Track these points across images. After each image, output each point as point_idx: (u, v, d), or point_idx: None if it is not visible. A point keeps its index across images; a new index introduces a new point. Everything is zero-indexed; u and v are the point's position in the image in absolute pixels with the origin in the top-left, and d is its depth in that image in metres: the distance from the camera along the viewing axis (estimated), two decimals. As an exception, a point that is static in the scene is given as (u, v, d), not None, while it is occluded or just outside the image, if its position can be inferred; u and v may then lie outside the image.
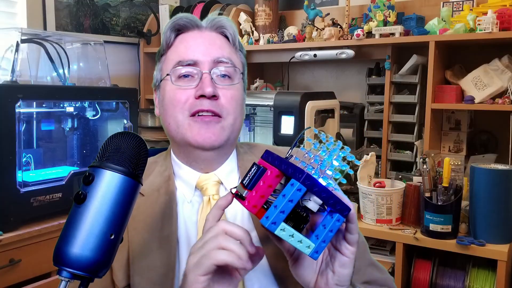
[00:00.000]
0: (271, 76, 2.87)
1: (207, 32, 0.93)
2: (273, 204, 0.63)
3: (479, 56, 2.15)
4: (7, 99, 1.77)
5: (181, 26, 0.93)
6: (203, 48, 0.90)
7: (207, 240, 0.68)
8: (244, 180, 0.70)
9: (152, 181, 0.93)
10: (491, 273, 1.81)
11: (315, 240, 0.65)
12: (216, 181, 0.92)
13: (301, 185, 0.62)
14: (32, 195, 1.88)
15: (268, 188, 0.66)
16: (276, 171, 0.67)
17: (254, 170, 0.69)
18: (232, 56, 0.93)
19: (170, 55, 0.93)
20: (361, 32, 2.23)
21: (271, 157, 0.69)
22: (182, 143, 0.91)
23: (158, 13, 3.00)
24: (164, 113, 0.92)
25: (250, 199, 0.67)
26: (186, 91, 0.88)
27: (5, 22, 2.43)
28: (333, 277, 0.70)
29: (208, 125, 0.87)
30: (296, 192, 0.62)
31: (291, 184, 0.63)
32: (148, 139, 2.64)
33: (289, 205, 0.63)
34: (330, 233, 0.65)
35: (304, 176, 0.62)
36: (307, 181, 0.63)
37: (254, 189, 0.67)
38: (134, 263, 0.84)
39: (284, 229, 0.63)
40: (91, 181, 0.61)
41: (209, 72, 0.88)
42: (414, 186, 1.94)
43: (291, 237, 0.64)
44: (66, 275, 0.59)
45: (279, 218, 0.62)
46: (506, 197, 1.74)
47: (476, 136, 2.29)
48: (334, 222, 0.65)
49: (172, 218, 0.88)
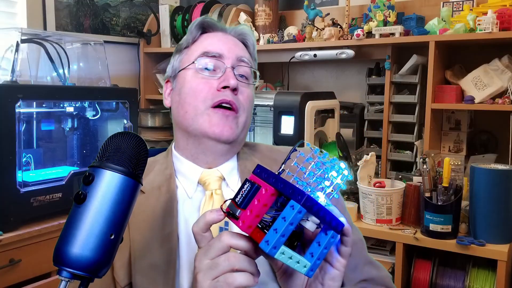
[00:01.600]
0: (271, 76, 2.87)
1: (231, 36, 0.98)
2: (273, 227, 0.61)
3: (479, 56, 2.15)
4: (7, 99, 1.77)
5: (209, 24, 0.98)
6: (228, 46, 0.95)
7: (218, 262, 0.66)
8: (236, 197, 0.66)
9: (153, 179, 0.93)
10: (491, 273, 1.81)
11: (310, 258, 0.64)
12: (219, 177, 0.93)
13: (302, 207, 0.60)
14: (32, 195, 1.88)
15: (263, 207, 0.63)
16: (272, 190, 0.64)
17: (247, 187, 0.66)
18: (251, 61, 0.99)
19: (195, 47, 0.96)
20: (361, 32, 2.23)
21: (264, 173, 0.66)
22: (196, 132, 0.91)
23: (158, 13, 3.00)
24: (182, 102, 0.93)
25: (245, 218, 0.64)
26: (209, 81, 0.92)
27: (5, 22, 2.43)
28: None
29: (228, 118, 0.90)
30: (297, 214, 0.61)
31: (291, 206, 0.61)
32: (148, 139, 2.64)
33: (290, 228, 0.61)
34: (324, 251, 0.65)
35: (305, 198, 0.60)
36: (308, 203, 0.61)
37: (248, 208, 0.64)
38: (136, 261, 0.85)
39: (283, 252, 0.62)
40: (91, 181, 0.61)
41: (232, 68, 0.92)
42: (414, 186, 1.94)
43: (290, 258, 0.62)
44: (66, 275, 0.59)
45: (280, 242, 0.61)
46: (506, 197, 1.74)
47: (476, 136, 2.29)
48: (329, 240, 0.65)
49: (173, 216, 0.88)
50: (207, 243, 0.68)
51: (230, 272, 0.65)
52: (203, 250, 0.68)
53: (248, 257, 0.66)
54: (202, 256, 0.68)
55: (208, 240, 0.69)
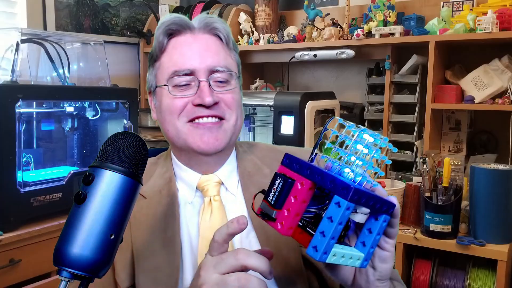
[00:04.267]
0: (271, 76, 2.87)
1: (200, 34, 0.91)
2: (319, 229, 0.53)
3: (479, 56, 2.15)
4: (7, 99, 1.77)
5: (173, 30, 0.91)
6: (198, 55, 0.88)
7: (227, 280, 0.62)
8: (268, 196, 0.59)
9: (154, 183, 0.93)
10: (491, 273, 1.81)
11: (363, 248, 0.58)
12: (217, 182, 0.92)
13: (350, 203, 0.53)
14: (32, 195, 1.88)
15: (302, 204, 0.56)
16: (309, 183, 0.56)
17: (279, 183, 0.58)
18: (228, 60, 0.92)
19: (164, 62, 0.91)
20: (361, 32, 2.23)
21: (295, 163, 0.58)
22: (183, 148, 0.90)
23: (158, 13, 3.00)
24: (162, 120, 0.91)
25: (283, 220, 0.57)
26: (183, 99, 0.88)
27: (5, 22, 2.43)
28: (374, 273, 0.66)
29: (211, 130, 0.87)
30: (346, 211, 0.53)
31: (336, 203, 0.53)
32: (148, 139, 2.64)
33: (339, 229, 0.53)
34: (377, 237, 0.59)
35: (352, 192, 0.52)
36: (355, 196, 0.53)
37: (284, 207, 0.57)
38: (139, 263, 0.84)
39: (335, 254, 0.55)
40: (91, 181, 0.61)
41: (207, 80, 0.87)
42: (414, 186, 1.94)
43: (342, 258, 0.56)
44: (66, 275, 0.59)
45: (330, 246, 0.53)
46: (506, 197, 1.74)
47: (476, 136, 2.29)
48: (381, 225, 0.58)
49: (174, 219, 0.88)
50: (219, 255, 0.65)
51: None
52: (213, 261, 0.65)
53: (259, 280, 0.63)
54: (212, 268, 0.65)
55: (224, 251, 0.66)
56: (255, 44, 2.59)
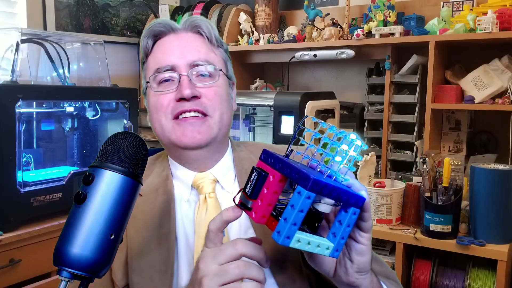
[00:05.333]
0: (271, 76, 2.87)
1: (183, 33, 0.93)
2: (282, 216, 0.58)
3: (479, 56, 2.15)
4: (7, 99, 1.77)
5: (157, 32, 0.93)
6: (179, 51, 0.90)
7: (227, 269, 0.64)
8: (246, 188, 0.65)
9: (151, 182, 0.93)
10: (491, 273, 1.81)
11: (333, 238, 0.61)
12: (212, 180, 0.92)
13: (309, 192, 0.57)
14: (32, 195, 1.88)
15: (274, 195, 0.61)
16: (279, 175, 0.61)
17: (255, 176, 0.64)
18: (210, 55, 0.93)
19: (149, 63, 0.93)
20: (361, 32, 2.23)
21: (270, 158, 0.64)
22: (169, 145, 0.92)
23: (158, 13, 3.00)
24: (150, 119, 0.93)
25: (257, 209, 0.62)
26: (167, 95, 0.89)
27: (5, 22, 2.43)
28: (352, 266, 0.69)
29: (193, 125, 0.88)
30: (306, 200, 0.57)
31: (298, 192, 0.57)
32: (148, 139, 2.64)
33: (300, 216, 0.57)
34: (347, 228, 0.62)
35: (311, 182, 0.56)
36: (315, 186, 0.57)
37: (258, 198, 0.62)
38: (133, 261, 0.85)
39: (299, 239, 0.59)
40: (91, 181, 0.61)
41: (187, 74, 0.88)
42: (414, 186, 1.94)
43: (308, 244, 0.59)
44: (66, 275, 0.59)
45: (292, 231, 0.58)
46: (506, 197, 1.74)
47: (476, 136, 2.29)
48: (350, 216, 0.61)
49: (170, 216, 0.88)
50: (216, 247, 0.67)
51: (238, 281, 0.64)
52: (212, 253, 0.66)
53: (258, 266, 0.65)
54: (210, 259, 0.66)
55: (220, 240, 0.68)
56: (255, 44, 2.59)
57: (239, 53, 2.67)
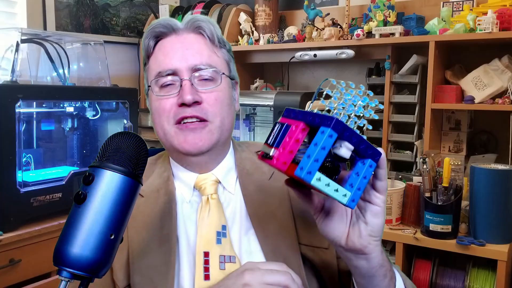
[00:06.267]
0: (271, 76, 2.87)
1: (185, 34, 0.92)
2: (305, 154, 0.60)
3: (479, 56, 2.15)
4: (7, 99, 1.77)
5: (158, 33, 0.92)
6: (180, 55, 0.89)
7: None
8: (268, 139, 0.67)
9: (152, 183, 0.93)
10: (491, 273, 1.81)
11: (350, 188, 0.63)
12: (214, 181, 0.92)
13: (332, 130, 0.60)
14: (32, 195, 1.88)
15: (296, 143, 0.63)
16: (302, 124, 0.64)
17: (277, 128, 0.67)
18: (212, 58, 0.91)
19: (151, 65, 0.93)
20: (361, 32, 2.23)
21: (293, 112, 0.67)
22: (171, 150, 0.92)
23: (158, 13, 3.00)
24: (153, 122, 0.93)
25: (279, 156, 0.64)
26: (168, 99, 0.88)
27: (5, 22, 2.43)
28: (366, 228, 0.69)
29: (195, 131, 0.87)
30: (328, 138, 0.60)
31: (321, 132, 0.60)
32: (148, 139, 2.64)
33: (323, 153, 0.60)
34: (364, 180, 0.64)
35: (334, 121, 0.60)
36: (338, 126, 0.60)
37: (281, 146, 0.64)
38: (134, 262, 0.85)
39: (319, 178, 0.60)
40: (91, 181, 0.61)
41: (189, 79, 0.88)
42: (414, 186, 1.94)
43: (327, 186, 0.61)
44: (66, 275, 0.59)
45: (314, 167, 0.60)
46: (506, 197, 1.74)
47: (476, 136, 2.29)
48: (367, 168, 0.64)
49: (171, 217, 0.88)
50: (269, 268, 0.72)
51: None
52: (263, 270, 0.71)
53: None
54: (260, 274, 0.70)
55: None
56: (255, 44, 2.59)
57: (239, 53, 2.67)
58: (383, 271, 0.73)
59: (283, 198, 0.91)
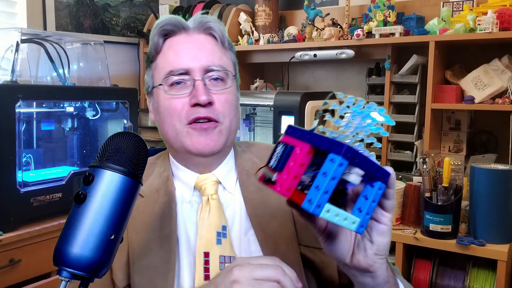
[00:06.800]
0: (271, 76, 2.87)
1: (195, 35, 0.92)
2: (314, 184, 0.57)
3: (479, 56, 2.15)
4: (7, 99, 1.77)
5: (168, 31, 0.91)
6: (193, 55, 0.89)
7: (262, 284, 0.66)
8: (270, 161, 0.63)
9: (151, 183, 0.93)
10: (491, 273, 1.81)
11: (359, 213, 0.60)
12: (215, 181, 0.92)
13: (343, 159, 0.56)
14: (32, 195, 1.88)
15: (300, 167, 0.59)
16: (307, 147, 0.60)
17: (280, 149, 0.63)
18: (223, 59, 0.92)
19: (160, 63, 0.92)
20: (361, 32, 2.23)
21: (297, 132, 0.63)
22: (181, 150, 0.91)
23: (158, 13, 3.00)
24: (161, 122, 0.92)
25: (282, 182, 0.60)
26: (180, 99, 0.88)
27: (5, 22, 2.43)
28: (372, 247, 0.67)
29: (207, 131, 0.87)
30: (338, 168, 0.56)
31: (330, 159, 0.57)
32: (148, 139, 2.64)
33: (332, 184, 0.57)
34: (373, 204, 0.61)
35: (344, 149, 0.56)
36: (349, 153, 0.57)
37: (284, 171, 0.60)
38: (134, 262, 0.85)
39: (329, 210, 0.57)
40: (91, 181, 0.61)
41: (202, 79, 0.88)
42: (414, 186, 1.94)
43: (337, 216, 0.58)
44: (66, 275, 0.59)
45: (323, 199, 0.56)
46: (506, 197, 1.74)
47: (476, 136, 2.29)
48: (377, 191, 0.61)
49: (171, 217, 0.88)
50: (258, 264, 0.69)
51: None
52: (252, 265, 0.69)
53: None
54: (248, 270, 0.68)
55: None
56: (255, 44, 2.59)
57: (239, 53, 2.64)
58: (387, 287, 0.71)
59: (283, 198, 0.91)
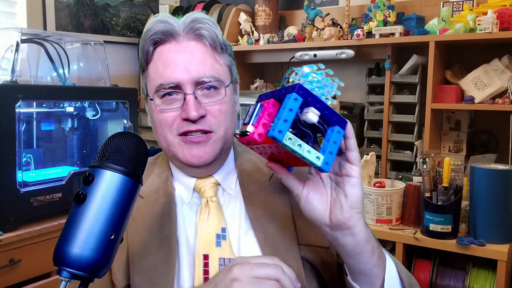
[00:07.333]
0: (271, 76, 2.87)
1: (185, 42, 0.88)
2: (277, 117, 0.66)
3: (479, 56, 2.15)
4: (7, 99, 1.77)
5: (157, 40, 0.88)
6: (183, 66, 0.85)
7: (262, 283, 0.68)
8: (244, 120, 0.72)
9: (151, 183, 0.93)
10: (491, 273, 1.81)
11: (322, 152, 0.67)
12: (214, 183, 0.92)
13: (296, 94, 0.65)
14: (32, 195, 1.88)
15: (269, 116, 0.68)
16: (272, 100, 0.70)
17: (252, 109, 0.72)
18: (215, 67, 0.88)
19: (151, 73, 0.89)
20: (361, 32, 2.23)
21: (264, 95, 0.73)
22: (174, 159, 0.91)
23: (158, 13, 3.00)
24: (154, 131, 0.92)
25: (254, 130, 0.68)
26: (171, 112, 0.86)
27: (5, 22, 2.43)
28: (347, 200, 0.72)
29: (199, 144, 0.86)
30: (294, 101, 0.65)
31: (287, 97, 0.66)
32: (148, 139, 2.63)
33: (290, 114, 0.65)
34: (334, 145, 0.68)
35: (297, 86, 0.66)
36: (301, 90, 0.66)
37: (255, 122, 0.69)
38: (134, 263, 0.85)
39: (291, 138, 0.65)
40: (91, 181, 0.61)
41: (193, 93, 0.85)
42: (414, 186, 1.93)
43: (299, 147, 0.65)
44: (66, 275, 0.59)
45: (284, 127, 0.64)
46: (506, 197, 1.74)
47: (476, 136, 2.29)
48: (335, 134, 0.69)
49: (171, 218, 0.88)
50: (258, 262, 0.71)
51: None
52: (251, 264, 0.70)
53: None
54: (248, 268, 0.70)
55: None
56: (255, 44, 2.59)
57: (239, 53, 2.67)
58: (369, 248, 0.74)
59: (283, 198, 0.91)
